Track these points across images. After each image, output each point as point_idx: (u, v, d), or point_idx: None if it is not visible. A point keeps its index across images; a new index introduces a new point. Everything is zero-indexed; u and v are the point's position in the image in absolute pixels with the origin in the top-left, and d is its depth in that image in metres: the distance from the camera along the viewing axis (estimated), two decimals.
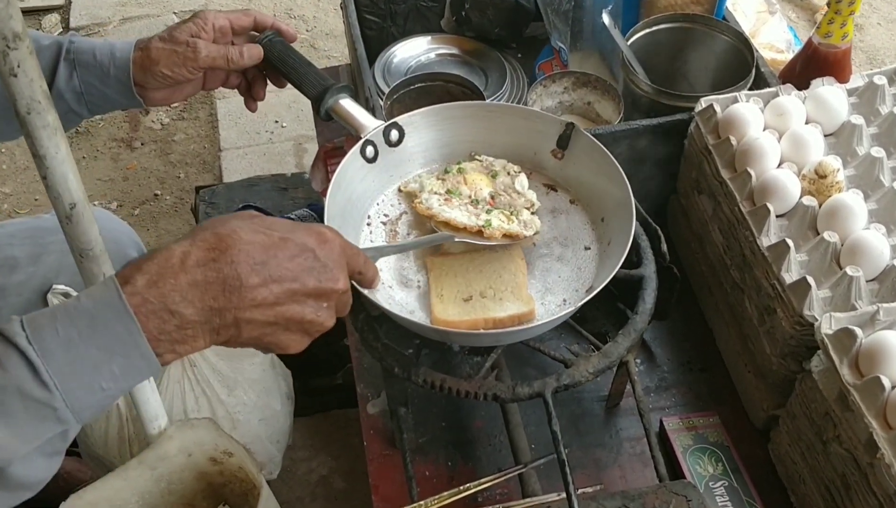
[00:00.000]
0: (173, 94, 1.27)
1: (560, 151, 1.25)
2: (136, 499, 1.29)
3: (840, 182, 1.20)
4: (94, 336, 0.72)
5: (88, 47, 1.22)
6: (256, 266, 0.77)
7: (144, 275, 0.74)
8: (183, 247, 0.76)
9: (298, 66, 1.26)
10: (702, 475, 1.22)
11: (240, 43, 1.27)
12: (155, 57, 1.21)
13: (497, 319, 1.12)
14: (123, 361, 0.73)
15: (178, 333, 0.75)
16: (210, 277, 0.75)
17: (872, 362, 1.00)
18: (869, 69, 2.94)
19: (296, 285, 0.80)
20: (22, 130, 0.84)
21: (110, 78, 1.22)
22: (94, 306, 0.72)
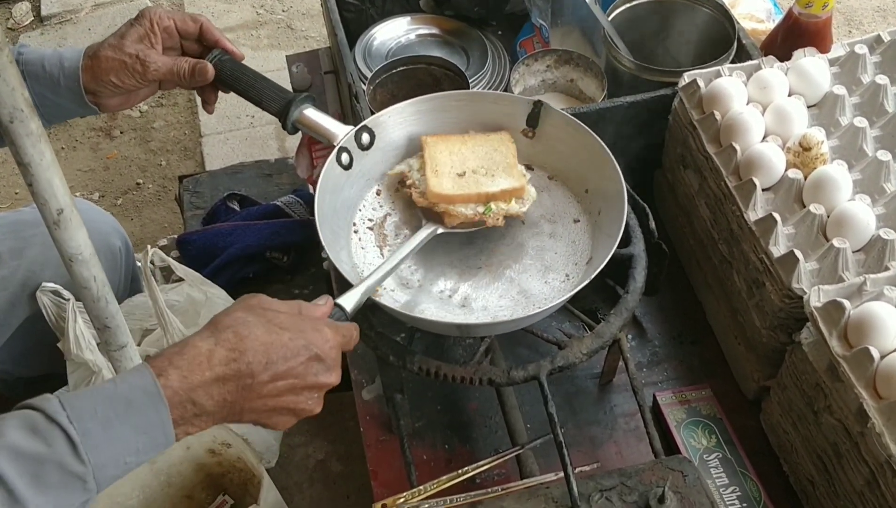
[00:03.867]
0: (128, 100, 1.26)
1: (531, 130, 1.25)
2: (136, 493, 1.30)
3: (825, 154, 1.21)
4: (129, 418, 0.80)
5: (37, 58, 1.21)
6: (268, 365, 0.87)
7: (177, 369, 0.83)
8: (208, 345, 0.85)
9: (254, 81, 1.25)
10: (696, 448, 1.24)
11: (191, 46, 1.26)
12: (105, 67, 1.20)
13: (490, 193, 1.15)
14: (148, 439, 0.81)
15: (195, 419, 0.85)
16: (229, 374, 0.85)
17: (861, 333, 1.01)
18: (847, 31, 2.95)
19: (297, 381, 0.91)
20: (6, 138, 0.83)
21: (61, 88, 1.21)
22: (130, 391, 0.81)
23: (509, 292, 1.16)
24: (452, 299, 1.15)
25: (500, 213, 1.16)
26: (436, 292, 1.16)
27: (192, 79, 1.23)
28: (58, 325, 1.42)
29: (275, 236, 1.82)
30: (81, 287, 0.98)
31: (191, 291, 1.49)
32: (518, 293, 1.15)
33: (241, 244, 1.78)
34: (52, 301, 1.42)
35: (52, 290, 1.42)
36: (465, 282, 1.17)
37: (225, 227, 1.84)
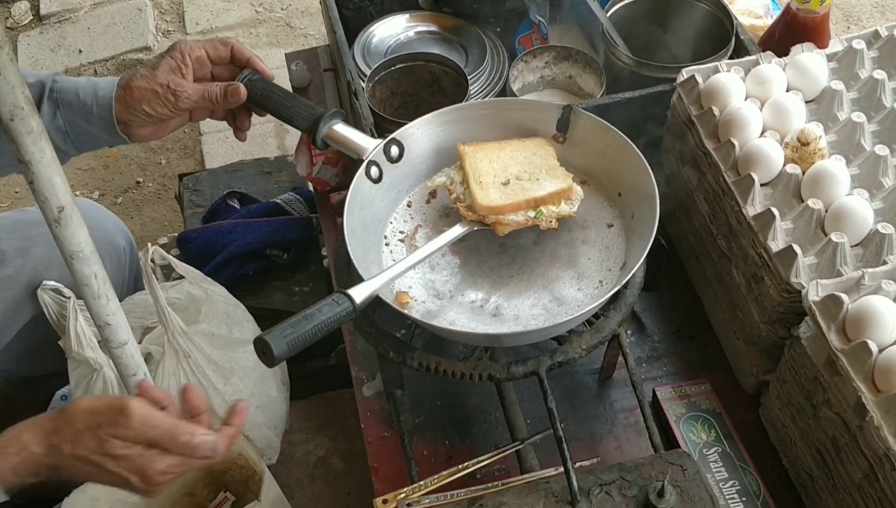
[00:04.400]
0: (158, 130, 1.29)
1: (561, 136, 1.25)
2: None
3: (822, 149, 1.21)
4: None
5: (72, 87, 1.23)
6: None
7: None
8: None
9: (284, 100, 1.26)
10: (695, 442, 1.24)
11: (222, 72, 1.27)
12: (137, 97, 1.22)
13: (538, 198, 1.14)
14: None
15: None
16: None
17: (859, 327, 1.01)
18: (846, 26, 2.95)
19: None
20: (6, 136, 0.84)
21: (93, 116, 1.23)
22: None
23: (541, 300, 1.15)
24: (484, 309, 1.15)
25: (551, 216, 1.15)
26: (467, 302, 1.15)
27: (225, 101, 1.25)
28: (59, 323, 1.43)
29: (275, 234, 1.83)
30: (82, 285, 0.99)
31: (191, 288, 1.50)
32: (550, 302, 1.15)
33: (242, 242, 1.79)
34: (53, 299, 1.42)
35: (53, 288, 1.42)
36: (498, 291, 1.16)
37: (225, 225, 1.84)
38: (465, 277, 1.18)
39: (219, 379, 1.43)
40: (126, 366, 1.12)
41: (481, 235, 1.19)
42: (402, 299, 1.14)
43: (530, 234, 1.20)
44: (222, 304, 1.49)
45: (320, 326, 0.97)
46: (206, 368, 1.41)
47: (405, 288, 1.16)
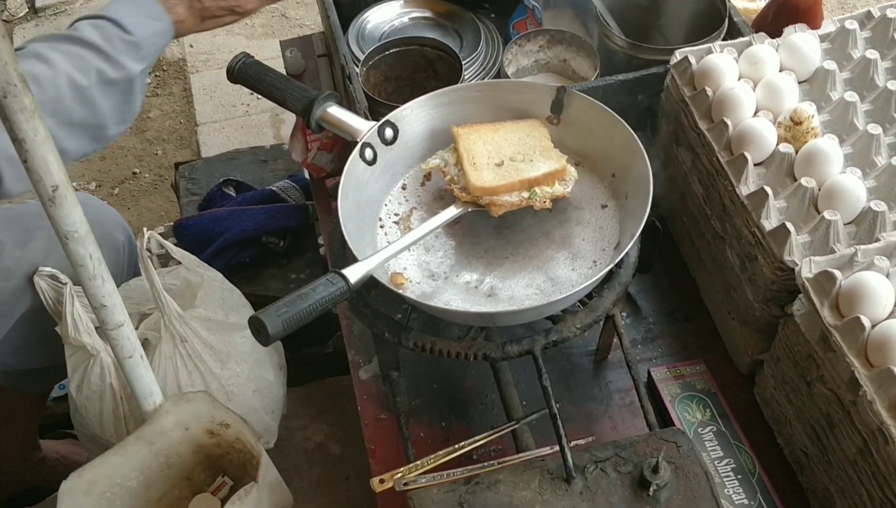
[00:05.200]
0: None
1: (555, 117, 1.25)
2: (135, 475, 1.31)
3: (815, 128, 1.22)
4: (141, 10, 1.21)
5: None
6: None
7: None
8: None
9: (278, 82, 1.26)
10: (690, 422, 1.25)
11: None
12: None
13: (532, 178, 1.15)
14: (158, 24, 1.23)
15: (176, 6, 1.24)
16: None
17: (852, 303, 1.02)
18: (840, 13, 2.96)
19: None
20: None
21: None
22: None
23: (536, 280, 1.15)
24: (479, 290, 1.15)
25: (545, 196, 1.16)
26: (462, 283, 1.16)
27: None
28: (55, 309, 1.43)
29: (271, 221, 1.83)
30: (77, 265, 0.99)
31: (187, 274, 1.50)
32: (545, 282, 1.15)
33: (238, 229, 1.79)
34: (49, 286, 1.42)
35: (49, 274, 1.42)
36: (492, 272, 1.17)
37: (221, 212, 1.84)
38: (460, 258, 1.19)
39: (215, 363, 1.43)
40: (122, 348, 1.12)
41: (476, 216, 1.19)
42: (397, 281, 1.14)
43: (525, 215, 1.20)
44: (218, 289, 1.49)
45: (315, 305, 0.97)
46: (203, 352, 1.42)
47: (400, 269, 1.17)
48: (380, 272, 1.08)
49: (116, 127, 1.24)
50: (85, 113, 1.16)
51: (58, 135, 1.12)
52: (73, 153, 1.19)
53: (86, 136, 1.19)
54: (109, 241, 1.51)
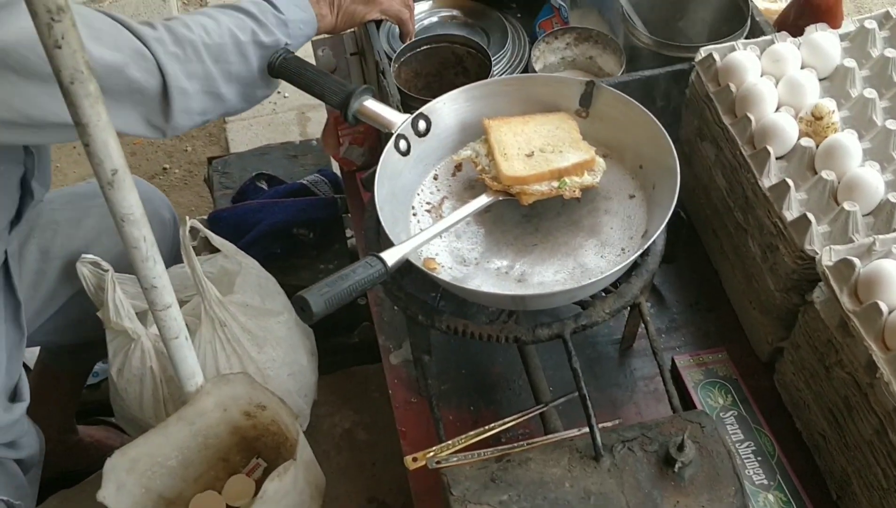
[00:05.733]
0: None
1: (584, 110, 1.30)
2: (175, 454, 1.36)
3: (835, 123, 1.26)
4: None
5: None
6: None
7: None
8: None
9: (317, 77, 1.32)
10: (713, 406, 1.29)
11: None
12: None
13: (562, 169, 1.19)
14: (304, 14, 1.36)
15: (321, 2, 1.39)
16: None
17: (870, 289, 1.06)
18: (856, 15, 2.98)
19: None
20: (65, 99, 0.89)
21: None
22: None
23: (565, 267, 1.19)
24: (509, 275, 1.19)
25: (575, 186, 1.20)
26: (493, 268, 1.20)
27: None
28: (97, 295, 1.48)
29: (301, 213, 1.88)
30: (131, 247, 1.04)
31: (225, 262, 1.55)
32: (574, 269, 1.19)
33: (270, 221, 1.84)
34: (91, 272, 1.47)
35: (91, 261, 1.47)
36: (522, 259, 1.21)
37: (254, 204, 1.90)
38: (490, 245, 1.23)
39: (253, 347, 1.48)
40: (169, 329, 1.17)
41: (505, 205, 1.24)
42: (430, 265, 1.19)
43: (554, 204, 1.24)
44: (255, 276, 1.55)
45: (355, 286, 1.02)
46: (241, 337, 1.47)
47: (432, 255, 1.21)
48: (414, 257, 1.13)
49: (262, 90, 1.35)
50: (241, 67, 1.28)
51: (218, 80, 1.25)
52: (229, 102, 1.30)
53: (239, 90, 1.30)
54: (157, 218, 1.58)
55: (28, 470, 1.46)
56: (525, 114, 1.30)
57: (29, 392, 1.42)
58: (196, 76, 1.23)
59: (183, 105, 1.23)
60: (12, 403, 1.38)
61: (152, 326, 1.49)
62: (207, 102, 1.27)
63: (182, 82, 1.21)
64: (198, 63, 1.23)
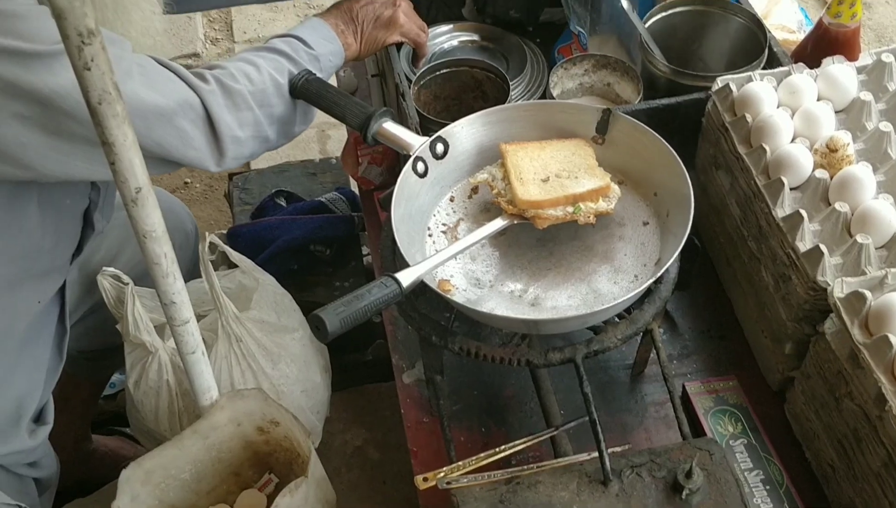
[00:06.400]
0: None
1: (600, 137, 1.31)
2: (189, 467, 1.37)
3: (850, 156, 1.27)
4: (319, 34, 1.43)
5: None
6: None
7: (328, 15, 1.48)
8: None
9: (339, 98, 1.35)
10: (722, 434, 1.29)
11: None
12: None
13: (577, 194, 1.20)
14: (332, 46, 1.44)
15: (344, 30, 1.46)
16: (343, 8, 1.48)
17: (881, 322, 1.06)
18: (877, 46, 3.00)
19: None
20: (93, 119, 0.91)
21: None
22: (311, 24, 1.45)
23: (578, 292, 1.20)
24: (523, 299, 1.21)
25: (589, 212, 1.21)
26: (507, 291, 1.22)
27: None
28: (116, 308, 1.51)
29: (319, 231, 1.91)
30: (153, 263, 1.06)
31: (242, 278, 1.57)
32: (587, 294, 1.20)
33: (288, 237, 1.87)
34: (111, 285, 1.50)
35: (112, 274, 1.50)
36: (536, 283, 1.22)
37: (273, 220, 1.92)
38: (505, 268, 1.25)
39: (267, 363, 1.50)
40: (186, 343, 1.19)
41: (520, 229, 1.26)
42: (445, 287, 1.20)
43: (568, 229, 1.26)
44: (271, 293, 1.57)
45: (370, 306, 1.04)
46: (256, 352, 1.49)
47: (447, 276, 1.23)
48: (428, 278, 1.14)
49: (299, 126, 1.41)
50: (282, 108, 1.34)
51: (262, 123, 1.32)
52: (271, 142, 1.36)
53: (279, 129, 1.36)
54: (181, 230, 1.61)
55: (44, 491, 1.49)
56: (542, 139, 1.31)
57: (53, 416, 1.46)
58: (247, 123, 1.30)
59: (235, 152, 1.30)
60: (37, 425, 1.41)
61: (170, 339, 1.51)
62: (255, 145, 1.33)
63: (235, 131, 1.28)
64: (247, 111, 1.29)
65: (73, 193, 1.30)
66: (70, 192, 1.29)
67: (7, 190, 1.19)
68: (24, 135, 1.09)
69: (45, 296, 1.36)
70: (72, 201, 1.30)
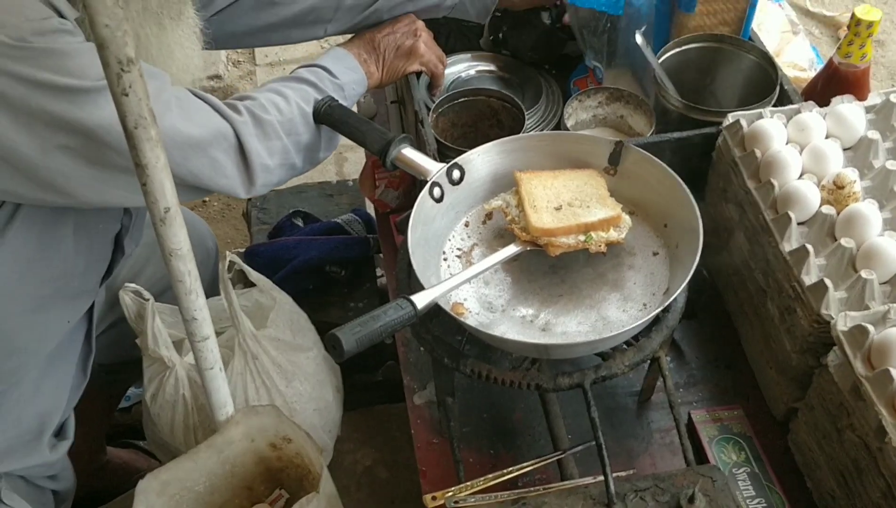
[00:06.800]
0: None
1: (612, 169, 1.35)
2: (203, 480, 1.40)
3: (857, 193, 1.30)
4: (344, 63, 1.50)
5: None
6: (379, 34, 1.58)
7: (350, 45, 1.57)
8: None
9: (360, 124, 1.39)
10: (726, 462, 1.32)
11: None
12: None
13: (589, 223, 1.24)
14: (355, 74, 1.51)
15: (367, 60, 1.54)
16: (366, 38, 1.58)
17: (883, 356, 1.09)
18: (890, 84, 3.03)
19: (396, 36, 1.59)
20: (128, 142, 0.95)
21: None
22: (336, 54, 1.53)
23: (588, 319, 1.24)
24: (534, 324, 1.24)
25: (601, 241, 1.25)
26: (518, 316, 1.25)
27: None
28: (136, 323, 1.54)
29: (334, 251, 1.94)
30: (177, 281, 1.09)
31: (259, 296, 1.61)
32: (597, 321, 1.23)
33: (304, 257, 1.90)
34: (133, 301, 1.53)
35: (133, 290, 1.54)
36: (547, 309, 1.25)
37: (290, 241, 1.96)
38: (517, 293, 1.28)
39: (282, 381, 1.53)
40: (206, 360, 1.23)
41: (533, 256, 1.29)
42: (458, 310, 1.24)
43: (580, 257, 1.29)
44: (288, 312, 1.60)
45: (385, 327, 1.07)
46: (271, 370, 1.52)
47: (461, 300, 1.26)
48: (443, 301, 1.18)
49: (324, 152, 1.46)
50: (308, 136, 1.40)
51: (290, 151, 1.37)
52: (298, 169, 1.42)
53: (307, 156, 1.41)
54: (202, 247, 1.66)
55: (61, 503, 1.54)
56: (555, 168, 1.35)
57: (74, 431, 1.49)
58: (276, 152, 1.35)
59: (265, 179, 1.35)
60: (58, 440, 1.45)
61: (187, 355, 1.55)
62: (283, 172, 1.38)
63: (265, 159, 1.33)
64: (276, 140, 1.34)
65: (107, 218, 1.35)
66: (104, 217, 1.34)
67: (45, 215, 1.24)
68: (67, 165, 1.14)
69: (75, 317, 1.41)
70: (105, 225, 1.35)
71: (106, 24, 0.85)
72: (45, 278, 1.30)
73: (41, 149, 1.11)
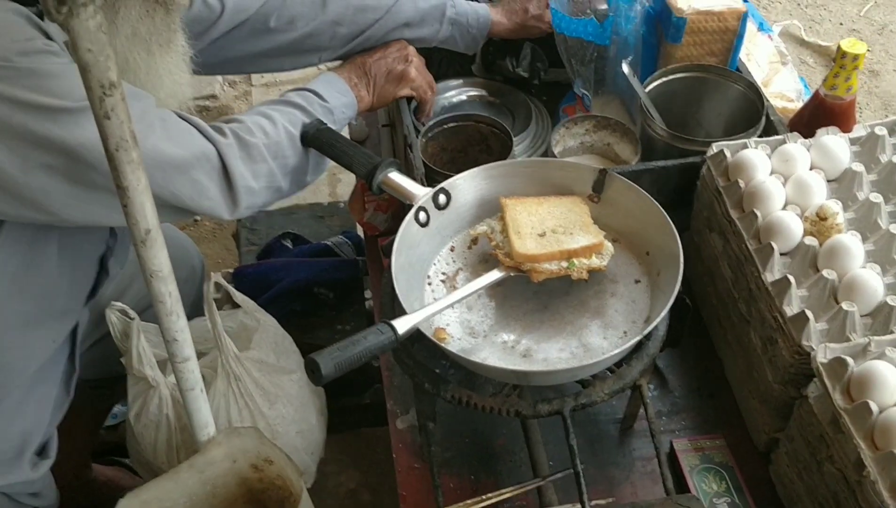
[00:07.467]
0: None
1: (596, 196, 1.36)
2: (184, 500, 1.40)
3: (840, 224, 1.30)
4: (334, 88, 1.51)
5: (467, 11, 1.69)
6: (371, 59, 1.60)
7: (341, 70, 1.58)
8: None
9: (347, 148, 1.40)
10: (707, 492, 1.32)
11: None
12: None
13: (571, 250, 1.25)
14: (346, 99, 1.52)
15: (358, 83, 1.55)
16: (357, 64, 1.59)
17: (862, 388, 1.09)
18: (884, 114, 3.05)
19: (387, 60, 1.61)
20: (109, 163, 0.96)
21: None
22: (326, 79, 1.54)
23: (569, 345, 1.24)
24: (515, 350, 1.24)
25: (583, 267, 1.25)
26: (500, 342, 1.25)
27: None
28: (122, 342, 1.54)
29: (323, 274, 1.95)
30: (157, 301, 1.10)
31: (244, 318, 1.61)
32: (577, 347, 1.24)
33: (292, 279, 1.91)
34: (118, 319, 1.53)
35: (119, 309, 1.54)
36: (529, 334, 1.26)
37: (278, 262, 1.97)
38: (500, 319, 1.28)
39: (265, 403, 1.53)
40: (186, 380, 1.23)
41: (516, 282, 1.29)
42: (440, 335, 1.24)
43: (563, 283, 1.29)
44: (272, 334, 1.60)
45: (365, 351, 1.07)
46: (254, 392, 1.52)
47: (443, 325, 1.26)
48: (425, 326, 1.18)
49: (311, 175, 1.46)
50: (295, 159, 1.40)
51: (276, 174, 1.37)
52: (284, 192, 1.42)
53: (293, 179, 1.42)
54: (187, 264, 1.66)
55: None
56: (541, 194, 1.36)
57: (56, 450, 1.49)
58: (261, 175, 1.34)
59: (249, 202, 1.34)
60: (40, 459, 1.45)
61: (171, 374, 1.55)
62: (268, 195, 1.38)
63: (249, 182, 1.32)
64: (262, 163, 1.34)
65: (92, 238, 1.36)
66: (89, 237, 1.35)
67: (30, 232, 1.25)
68: (48, 183, 1.15)
69: (59, 337, 1.41)
70: (90, 245, 1.36)
71: (88, 48, 0.85)
72: (29, 296, 1.30)
73: (23, 167, 1.12)
